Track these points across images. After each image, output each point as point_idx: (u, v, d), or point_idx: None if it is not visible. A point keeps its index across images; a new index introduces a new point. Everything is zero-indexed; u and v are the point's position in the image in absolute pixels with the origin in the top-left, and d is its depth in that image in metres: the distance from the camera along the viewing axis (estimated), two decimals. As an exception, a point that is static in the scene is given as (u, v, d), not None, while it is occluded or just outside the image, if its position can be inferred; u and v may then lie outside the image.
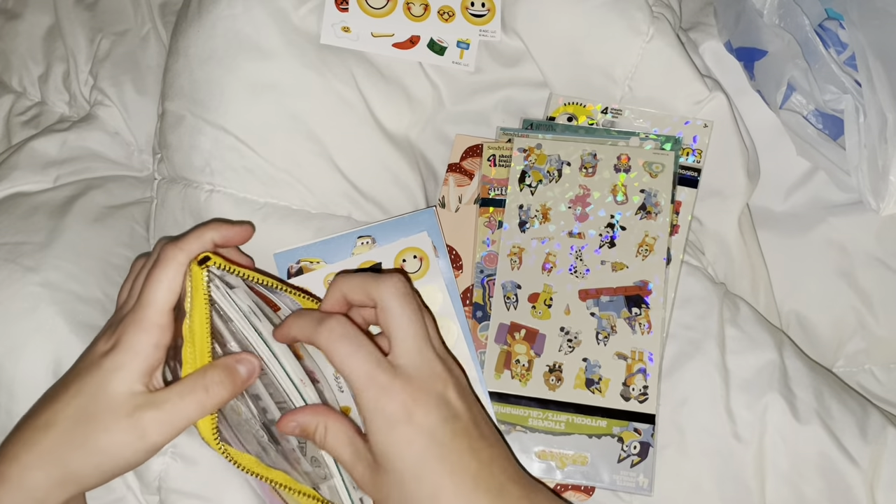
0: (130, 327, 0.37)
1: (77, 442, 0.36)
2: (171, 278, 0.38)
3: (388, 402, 0.36)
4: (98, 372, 0.37)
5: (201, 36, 0.51)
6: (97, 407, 0.36)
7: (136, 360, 0.37)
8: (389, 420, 0.36)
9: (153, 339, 0.37)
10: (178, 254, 0.38)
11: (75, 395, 0.37)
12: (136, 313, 0.37)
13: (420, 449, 0.36)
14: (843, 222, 0.55)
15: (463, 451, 0.37)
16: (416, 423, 0.36)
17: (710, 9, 0.61)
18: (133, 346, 0.37)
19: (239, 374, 0.38)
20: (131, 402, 0.36)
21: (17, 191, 0.54)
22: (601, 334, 0.48)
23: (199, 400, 0.36)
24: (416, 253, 0.49)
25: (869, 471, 0.45)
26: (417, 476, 0.36)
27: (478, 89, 0.55)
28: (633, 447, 0.46)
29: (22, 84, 0.64)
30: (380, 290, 0.39)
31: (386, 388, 0.36)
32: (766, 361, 0.47)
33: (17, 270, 0.48)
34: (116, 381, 0.36)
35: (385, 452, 0.36)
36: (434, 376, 0.37)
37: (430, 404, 0.36)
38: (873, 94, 0.50)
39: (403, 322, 0.38)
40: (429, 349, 0.38)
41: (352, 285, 0.40)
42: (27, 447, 0.36)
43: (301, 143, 0.50)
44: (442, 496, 0.36)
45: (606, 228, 0.49)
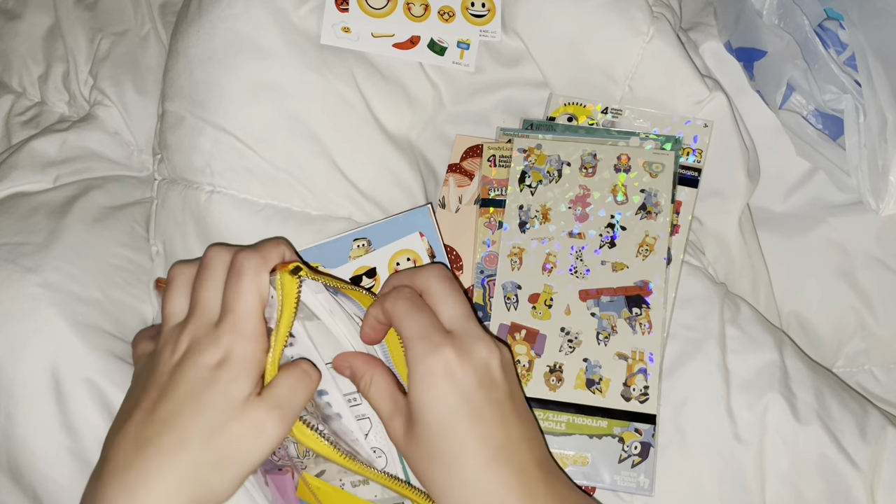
0: (236, 338, 0.37)
1: (213, 459, 0.35)
2: (260, 285, 0.38)
3: (432, 355, 0.37)
4: (216, 386, 0.36)
5: (201, 36, 0.51)
6: (224, 420, 0.36)
7: (251, 368, 0.37)
8: (429, 371, 0.37)
9: (262, 347, 0.37)
10: (260, 262, 0.38)
11: (197, 414, 0.36)
12: (235, 324, 0.37)
13: (452, 405, 0.37)
14: (843, 222, 0.55)
15: (493, 420, 0.37)
16: (453, 379, 0.37)
17: (710, 9, 0.61)
18: (245, 356, 0.37)
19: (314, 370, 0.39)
20: (251, 407, 0.36)
21: (17, 191, 0.54)
22: (602, 334, 0.48)
23: (304, 384, 0.38)
24: (410, 255, 0.49)
25: (869, 471, 0.45)
26: (444, 432, 0.37)
27: (478, 89, 0.55)
28: (633, 447, 0.46)
29: (22, 84, 0.64)
30: (423, 276, 0.41)
31: (435, 344, 0.38)
32: (767, 362, 0.47)
33: (17, 271, 0.48)
34: (236, 391, 0.36)
35: (420, 404, 0.37)
36: (481, 343, 0.39)
37: (470, 366, 0.38)
38: (873, 94, 0.50)
39: (449, 298, 0.40)
40: (474, 322, 0.40)
41: (399, 278, 0.42)
42: (160, 474, 0.35)
43: (301, 143, 0.50)
44: (463, 457, 0.37)
45: (607, 228, 0.49)
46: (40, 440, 0.45)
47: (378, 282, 0.48)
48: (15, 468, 0.46)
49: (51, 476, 0.45)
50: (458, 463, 0.37)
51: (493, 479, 0.37)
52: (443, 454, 0.37)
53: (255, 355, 0.37)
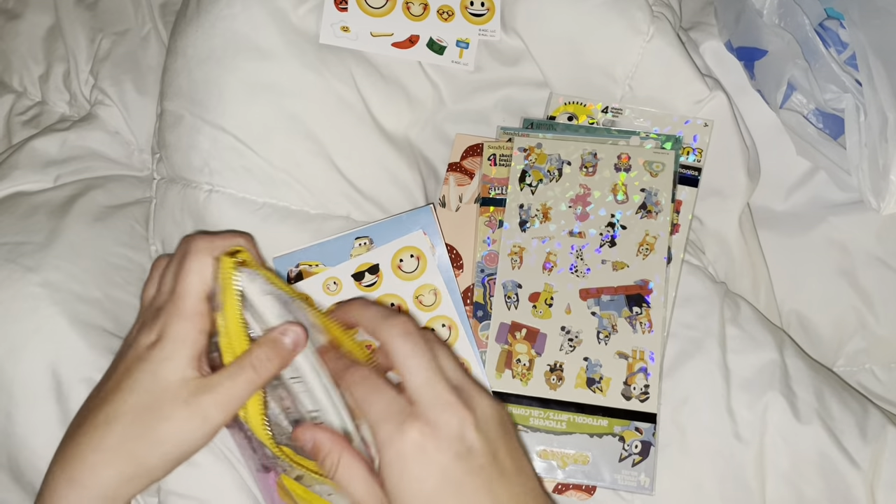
0: (173, 318, 0.38)
1: (142, 435, 0.36)
2: (202, 267, 0.38)
3: (399, 437, 0.35)
4: (149, 364, 0.37)
5: (200, 36, 0.51)
6: (155, 398, 0.36)
7: (185, 348, 0.37)
8: (400, 455, 0.35)
9: (197, 326, 0.38)
10: (208, 245, 0.39)
11: (131, 390, 0.37)
12: (174, 304, 0.38)
13: (432, 487, 0.35)
14: (843, 222, 0.55)
15: (479, 491, 0.35)
16: (427, 458, 0.35)
17: (711, 8, 0.61)
18: (179, 335, 0.37)
19: (284, 346, 0.38)
20: (187, 389, 0.37)
21: (18, 190, 0.54)
22: (602, 333, 0.48)
23: (248, 378, 0.37)
24: (413, 252, 0.49)
25: (869, 471, 0.45)
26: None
27: (478, 88, 0.55)
28: (634, 446, 0.46)
29: (22, 84, 0.64)
30: (384, 331, 0.38)
31: (399, 424, 0.35)
32: (767, 361, 0.47)
33: (18, 270, 0.48)
34: (169, 371, 0.37)
35: (398, 491, 0.35)
36: (448, 411, 0.36)
37: (443, 440, 0.35)
38: (874, 94, 0.50)
39: (411, 360, 0.37)
40: (440, 383, 0.37)
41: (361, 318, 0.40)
42: (91, 447, 0.37)
43: (300, 143, 0.50)
44: None
45: (607, 227, 0.49)
46: (41, 439, 0.45)
47: (381, 279, 0.48)
48: (15, 467, 0.46)
49: (51, 475, 0.45)
50: None
51: None
52: None
53: (188, 335, 0.37)
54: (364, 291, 0.48)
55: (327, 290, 0.48)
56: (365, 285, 0.49)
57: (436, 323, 0.48)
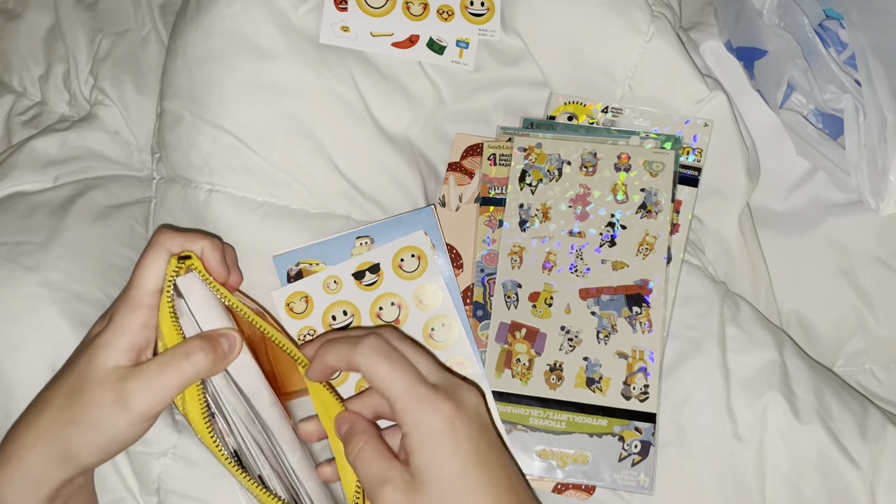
0: (120, 307, 0.39)
1: (69, 418, 0.37)
2: (156, 261, 0.39)
3: (432, 413, 0.36)
4: (87, 351, 0.38)
5: (200, 35, 0.51)
6: (85, 382, 0.37)
7: (123, 337, 0.38)
8: (433, 431, 0.36)
9: (140, 318, 0.38)
10: (169, 241, 0.40)
11: (67, 375, 0.38)
12: (125, 294, 0.39)
13: (464, 459, 0.36)
14: (843, 222, 0.55)
15: (497, 464, 0.38)
16: (457, 434, 0.36)
17: (710, 8, 0.61)
18: (120, 325, 0.38)
19: (220, 346, 0.38)
20: (115, 375, 0.37)
21: (17, 190, 0.54)
22: (602, 333, 0.48)
23: (179, 368, 0.37)
24: (414, 252, 0.49)
25: (869, 471, 0.45)
26: (460, 487, 0.36)
27: (478, 88, 0.55)
28: (633, 446, 0.46)
29: (22, 84, 0.64)
30: (356, 357, 0.38)
31: (429, 402, 0.37)
32: (767, 361, 0.47)
33: (17, 270, 0.48)
34: (103, 357, 0.37)
35: (429, 465, 0.36)
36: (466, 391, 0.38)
37: (466, 416, 0.37)
38: (873, 94, 0.50)
39: (416, 353, 0.39)
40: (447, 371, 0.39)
41: (333, 356, 0.39)
42: (24, 427, 0.38)
43: (300, 142, 0.50)
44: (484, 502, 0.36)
45: (607, 227, 0.49)
46: (40, 439, 0.45)
47: (381, 278, 0.48)
48: (14, 467, 0.46)
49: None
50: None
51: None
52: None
53: (129, 325, 0.38)
54: (364, 290, 0.49)
55: (327, 288, 0.48)
56: (365, 284, 0.49)
57: (436, 323, 0.48)
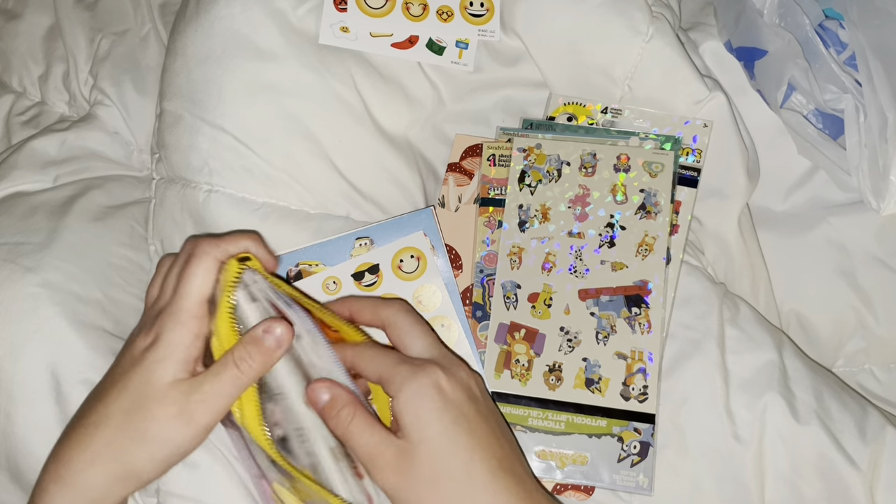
0: (168, 320, 0.37)
1: (130, 435, 0.36)
2: (205, 271, 0.38)
3: (421, 374, 0.38)
4: (141, 366, 0.37)
5: (199, 35, 0.51)
6: (144, 399, 0.36)
7: (178, 351, 0.37)
8: (421, 389, 0.37)
9: (192, 330, 0.37)
10: (214, 249, 0.39)
11: (122, 391, 0.37)
12: (172, 306, 0.38)
13: (451, 420, 0.37)
14: (843, 222, 0.54)
15: (488, 432, 0.38)
16: (445, 394, 0.37)
17: (710, 9, 0.61)
18: (173, 339, 0.37)
19: (265, 345, 0.37)
20: (176, 390, 0.36)
21: (17, 190, 0.54)
22: (601, 334, 0.48)
23: (232, 376, 0.37)
24: (414, 253, 0.49)
25: (868, 471, 0.45)
26: (449, 447, 0.37)
27: (477, 89, 0.55)
28: (632, 447, 0.46)
29: (22, 84, 0.64)
30: (388, 309, 0.41)
31: (419, 365, 0.38)
32: (766, 361, 0.47)
33: (17, 271, 0.48)
34: (160, 373, 0.37)
35: (417, 424, 0.37)
36: (459, 366, 0.40)
37: (456, 382, 0.38)
38: (873, 94, 0.50)
39: (418, 329, 0.41)
40: (443, 347, 0.41)
41: (360, 305, 0.42)
42: (80, 447, 0.37)
43: (299, 143, 0.50)
44: (472, 469, 0.37)
45: (606, 228, 0.49)
46: (40, 440, 0.45)
47: (381, 279, 0.48)
48: (14, 467, 0.46)
49: (50, 475, 0.45)
50: (469, 476, 0.36)
51: (502, 488, 0.37)
52: (451, 471, 0.36)
53: (182, 338, 0.37)
54: (364, 291, 0.49)
55: (326, 289, 0.48)
56: (365, 285, 0.49)
57: (435, 323, 0.48)
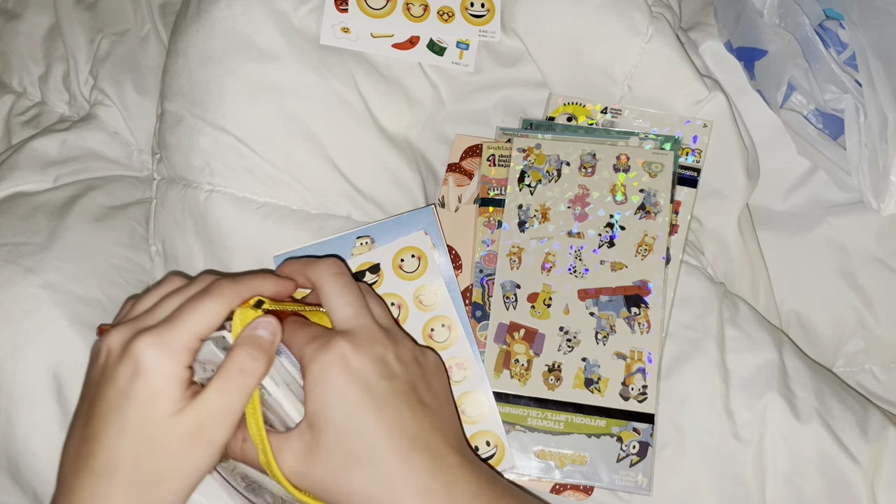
0: (159, 350, 0.34)
1: (148, 479, 0.34)
2: (217, 311, 0.36)
3: (325, 351, 0.36)
4: (135, 402, 0.34)
5: (200, 36, 0.51)
6: (152, 438, 0.34)
7: (172, 384, 0.35)
8: (325, 367, 0.36)
9: (184, 362, 0.35)
10: (231, 292, 0.37)
11: (122, 433, 0.34)
12: (166, 333, 0.35)
13: (356, 399, 0.35)
14: (843, 222, 0.54)
15: (401, 409, 0.36)
16: (351, 372, 0.36)
17: (710, 9, 0.61)
18: (166, 370, 0.34)
19: (264, 340, 0.36)
20: (183, 419, 0.34)
21: (17, 191, 0.54)
22: (600, 334, 0.48)
23: (239, 384, 0.35)
24: (415, 252, 0.49)
25: (870, 470, 0.45)
26: (354, 430, 0.35)
27: (477, 89, 0.55)
28: (632, 447, 0.46)
29: (22, 84, 0.64)
30: (315, 271, 0.40)
31: (326, 341, 0.36)
32: (766, 361, 0.47)
33: (18, 272, 0.48)
34: (160, 408, 0.34)
35: (321, 407, 0.35)
36: (373, 338, 0.38)
37: (366, 358, 0.36)
38: (873, 94, 0.50)
39: (338, 295, 0.39)
40: (367, 316, 0.39)
41: (292, 269, 0.41)
42: (98, 498, 0.34)
43: (300, 143, 0.50)
44: (379, 451, 0.35)
45: (606, 228, 0.49)
46: (40, 440, 0.45)
47: (381, 278, 0.49)
48: (15, 468, 0.46)
49: (51, 476, 0.45)
50: (375, 459, 0.35)
51: (413, 468, 0.35)
52: (356, 454, 0.35)
53: (175, 371, 0.35)
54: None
55: None
56: (364, 286, 0.49)
57: (436, 323, 0.48)
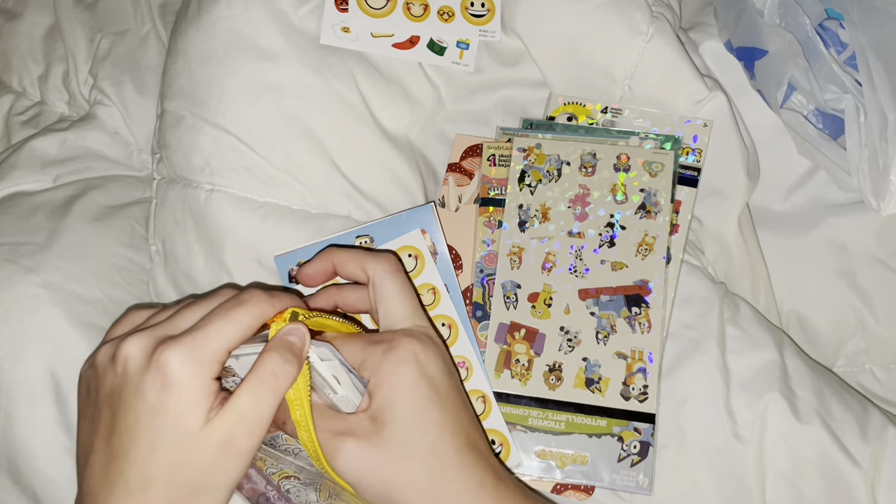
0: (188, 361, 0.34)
1: (186, 491, 0.33)
2: (247, 322, 0.35)
3: (400, 347, 0.37)
4: (167, 417, 0.33)
5: (201, 36, 0.51)
6: (185, 453, 0.33)
7: (202, 395, 0.34)
8: (400, 361, 0.36)
9: (213, 373, 0.34)
10: (266, 304, 0.36)
11: (154, 448, 0.33)
12: (195, 343, 0.34)
13: (424, 395, 0.36)
14: (843, 222, 0.54)
15: (458, 407, 0.38)
16: (421, 368, 0.37)
17: (710, 8, 0.61)
18: (195, 384, 0.34)
19: (295, 345, 0.36)
20: (215, 430, 0.34)
21: (17, 190, 0.54)
22: (601, 334, 0.48)
23: (272, 389, 0.35)
24: (412, 251, 0.49)
25: (870, 470, 0.45)
26: (421, 423, 0.36)
27: (477, 89, 0.55)
28: (632, 446, 0.46)
29: (22, 84, 0.64)
30: (374, 265, 0.40)
31: (392, 343, 0.37)
32: (767, 361, 0.47)
33: (18, 271, 0.48)
34: (192, 422, 0.33)
35: (391, 399, 0.36)
36: (431, 338, 0.39)
37: (431, 356, 0.38)
38: (874, 94, 0.50)
39: (396, 294, 0.39)
40: (423, 317, 0.40)
41: (345, 257, 0.41)
42: None
43: (301, 143, 0.50)
44: (440, 447, 0.36)
45: (606, 228, 0.49)
46: (40, 440, 0.45)
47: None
48: (14, 468, 0.46)
49: (50, 476, 0.45)
50: (437, 452, 0.36)
51: (470, 462, 0.36)
52: (420, 446, 0.36)
53: (204, 383, 0.34)
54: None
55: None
56: (364, 285, 0.49)
57: (436, 322, 0.48)
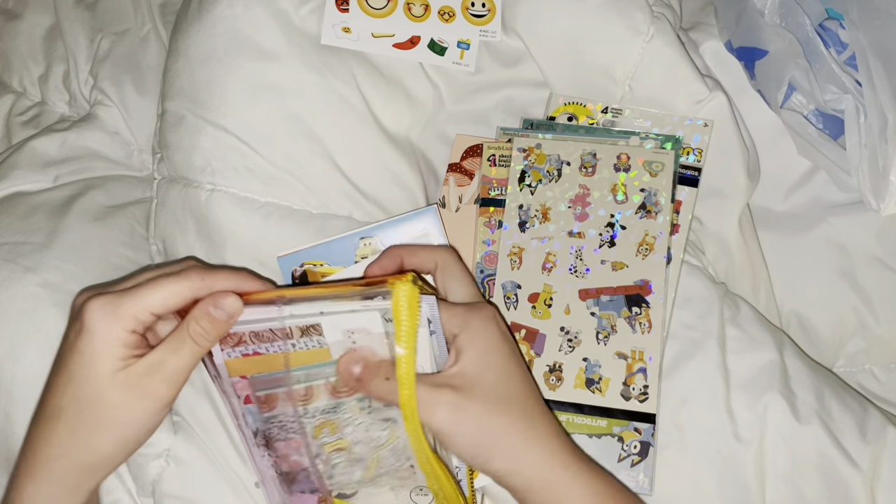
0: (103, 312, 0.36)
1: (91, 424, 0.36)
2: (175, 291, 0.37)
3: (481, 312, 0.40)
4: (80, 357, 0.36)
5: (201, 36, 0.51)
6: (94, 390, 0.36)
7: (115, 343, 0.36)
8: (484, 322, 0.39)
9: (129, 327, 0.36)
10: (196, 279, 0.37)
11: (69, 382, 0.36)
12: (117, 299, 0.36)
13: (509, 351, 0.39)
14: (843, 222, 0.54)
15: (522, 367, 0.40)
16: (501, 329, 0.40)
17: (711, 8, 0.61)
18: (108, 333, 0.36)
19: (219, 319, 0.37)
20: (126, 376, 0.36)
21: (17, 190, 0.54)
22: (601, 334, 0.48)
23: (190, 350, 0.37)
24: (416, 253, 0.49)
25: (869, 471, 0.45)
26: (508, 375, 0.39)
27: (478, 89, 0.55)
28: (633, 447, 0.46)
29: (22, 84, 0.64)
30: (441, 251, 0.43)
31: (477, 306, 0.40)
32: (767, 361, 0.47)
33: (17, 271, 0.48)
34: (101, 366, 0.36)
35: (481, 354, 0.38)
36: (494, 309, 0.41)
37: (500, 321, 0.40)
38: (873, 94, 0.50)
39: (462, 276, 0.42)
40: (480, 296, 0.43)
41: (413, 249, 0.44)
42: (45, 441, 0.37)
43: (301, 143, 0.50)
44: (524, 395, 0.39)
45: (606, 228, 0.49)
46: (40, 440, 0.45)
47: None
48: (14, 467, 0.46)
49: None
50: (521, 398, 0.39)
51: (546, 410, 0.40)
52: (509, 394, 0.38)
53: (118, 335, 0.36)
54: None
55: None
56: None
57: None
